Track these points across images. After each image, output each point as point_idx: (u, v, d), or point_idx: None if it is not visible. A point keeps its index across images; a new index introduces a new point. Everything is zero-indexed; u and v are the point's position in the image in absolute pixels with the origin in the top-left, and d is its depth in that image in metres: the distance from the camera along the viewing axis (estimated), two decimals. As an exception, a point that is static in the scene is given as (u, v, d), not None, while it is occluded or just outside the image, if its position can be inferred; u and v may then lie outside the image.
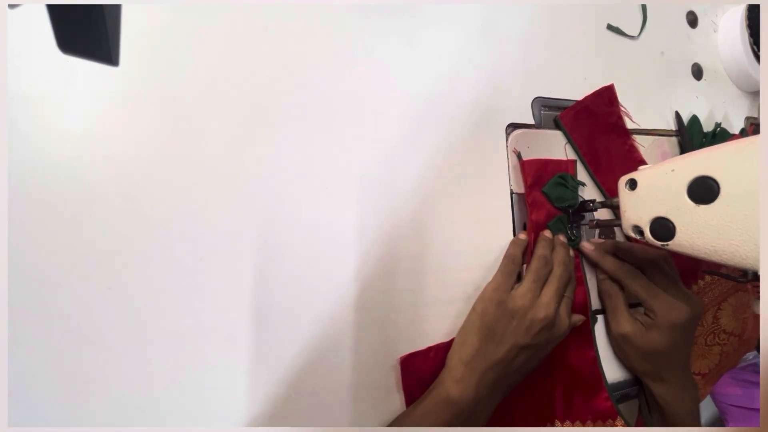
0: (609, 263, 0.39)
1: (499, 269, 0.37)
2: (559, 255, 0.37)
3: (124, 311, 0.28)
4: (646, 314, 0.38)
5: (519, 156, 0.40)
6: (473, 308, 0.35)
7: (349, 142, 0.35)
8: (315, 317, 0.32)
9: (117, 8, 0.17)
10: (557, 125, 0.42)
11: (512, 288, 0.35)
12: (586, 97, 0.43)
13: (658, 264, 0.38)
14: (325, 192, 0.33)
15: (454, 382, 0.32)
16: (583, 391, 0.39)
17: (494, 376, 0.32)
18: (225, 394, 0.30)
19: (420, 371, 0.34)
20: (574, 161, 0.42)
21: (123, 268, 0.28)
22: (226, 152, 0.31)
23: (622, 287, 0.40)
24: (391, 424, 0.33)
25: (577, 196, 0.41)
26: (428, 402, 0.32)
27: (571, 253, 0.39)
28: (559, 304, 0.35)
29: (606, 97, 0.44)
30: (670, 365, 0.38)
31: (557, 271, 0.36)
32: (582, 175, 0.42)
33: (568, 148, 0.42)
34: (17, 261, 0.26)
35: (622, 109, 0.45)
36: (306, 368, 0.32)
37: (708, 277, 0.48)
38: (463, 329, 0.35)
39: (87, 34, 0.16)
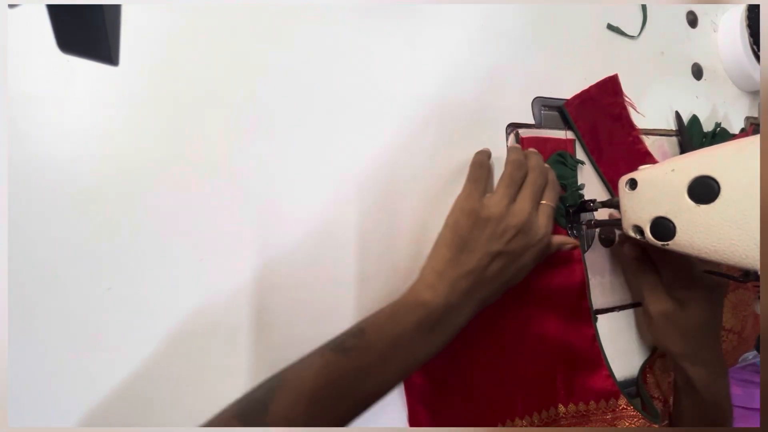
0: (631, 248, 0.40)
1: (467, 178, 0.36)
2: (533, 160, 0.36)
3: (124, 311, 0.28)
4: (677, 293, 0.38)
5: (518, 134, 0.40)
6: (446, 221, 0.34)
7: (349, 142, 0.35)
8: (315, 317, 0.32)
9: (117, 8, 0.17)
10: (561, 113, 0.42)
11: (484, 195, 0.34)
12: (591, 87, 0.43)
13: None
14: (325, 192, 0.33)
15: (426, 286, 0.31)
16: (584, 371, 0.39)
17: (467, 285, 0.31)
18: (225, 394, 0.30)
19: None
20: (573, 140, 0.42)
21: (123, 268, 0.28)
22: (226, 152, 0.31)
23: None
24: (361, 325, 0.31)
25: (576, 175, 0.41)
26: (398, 303, 0.31)
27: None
28: (535, 209, 0.34)
29: (610, 88, 0.44)
30: (707, 344, 0.38)
31: (532, 176, 0.35)
32: (584, 161, 0.43)
33: (569, 133, 0.42)
34: (17, 261, 0.26)
35: (627, 99, 0.45)
36: (306, 368, 0.32)
37: None
38: (436, 243, 0.34)
39: (87, 34, 0.16)
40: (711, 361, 0.38)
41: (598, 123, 0.43)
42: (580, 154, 0.42)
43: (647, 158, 0.45)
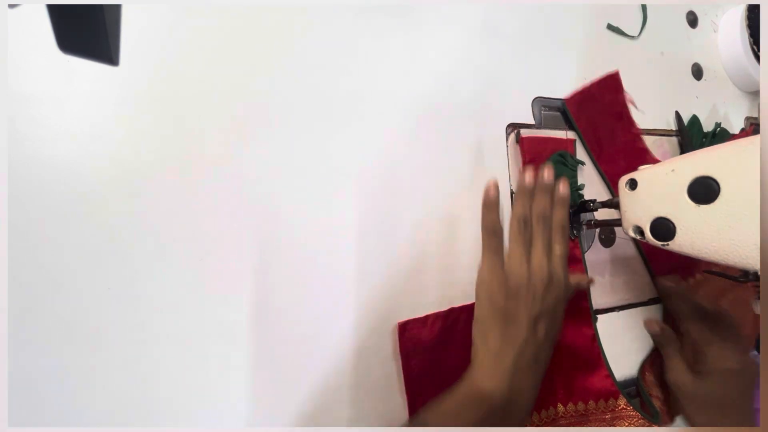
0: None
1: (484, 247, 0.35)
2: (537, 208, 0.35)
3: (124, 311, 0.28)
4: (698, 362, 0.38)
5: (518, 133, 0.40)
6: (477, 297, 0.34)
7: (349, 141, 0.35)
8: (315, 317, 0.32)
9: (117, 8, 0.17)
10: (562, 111, 0.42)
11: (503, 261, 0.34)
12: (592, 84, 0.43)
13: (722, 316, 0.38)
14: (325, 192, 0.33)
15: (486, 375, 0.30)
16: (583, 371, 0.39)
17: (526, 359, 0.31)
18: (225, 394, 0.30)
19: (417, 337, 0.34)
20: (574, 140, 0.42)
21: (123, 268, 0.28)
22: (225, 152, 0.31)
23: (677, 330, 0.40)
24: (413, 422, 0.32)
25: (576, 175, 0.41)
26: (458, 397, 0.30)
27: (563, 189, 0.37)
28: (549, 259, 0.34)
29: (611, 85, 0.44)
30: (725, 418, 0.37)
31: (537, 229, 0.34)
32: (584, 161, 0.43)
33: (569, 133, 0.42)
34: (17, 261, 0.26)
35: (627, 96, 0.45)
36: (306, 368, 0.32)
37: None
38: (477, 321, 0.33)
39: (87, 34, 0.16)
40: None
41: (599, 121, 0.43)
42: (580, 154, 0.42)
43: (647, 156, 0.45)
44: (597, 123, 0.43)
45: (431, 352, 0.34)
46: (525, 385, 0.31)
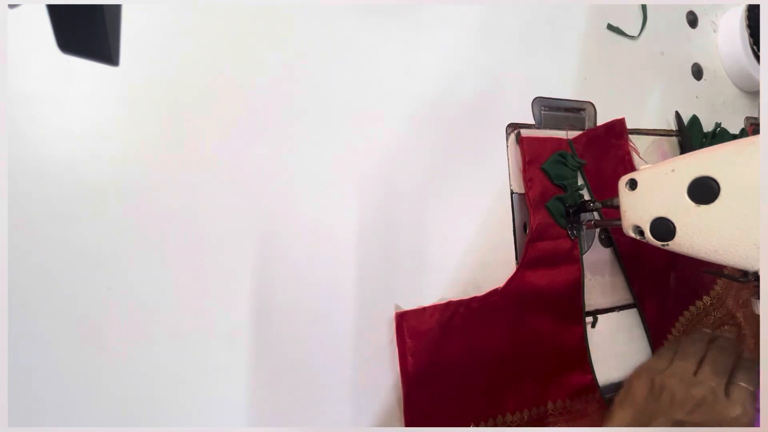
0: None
1: None
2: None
3: (124, 311, 0.28)
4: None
5: (518, 133, 0.40)
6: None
7: (350, 142, 0.35)
8: (315, 317, 0.32)
9: (117, 8, 0.17)
10: (570, 147, 0.42)
11: None
12: (599, 127, 0.44)
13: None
14: (325, 192, 0.33)
15: None
16: (570, 367, 0.39)
17: None
18: (225, 394, 0.30)
19: (414, 328, 0.34)
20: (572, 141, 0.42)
21: (123, 268, 0.28)
22: (225, 152, 0.31)
23: None
24: None
25: (576, 175, 0.41)
26: None
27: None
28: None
29: (618, 130, 0.44)
30: None
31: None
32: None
33: (569, 133, 0.42)
34: (17, 261, 0.26)
35: (631, 144, 0.45)
36: (306, 368, 0.32)
37: (717, 287, 0.48)
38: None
39: (87, 34, 0.16)
40: None
41: (602, 162, 0.43)
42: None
43: None
44: (600, 162, 0.43)
45: (428, 344, 0.34)
46: None
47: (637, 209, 0.33)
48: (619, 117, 0.44)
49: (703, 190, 0.29)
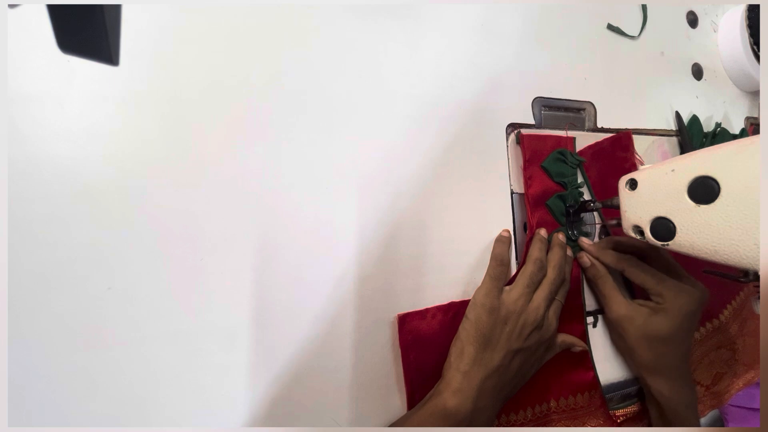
0: (609, 256, 0.39)
1: (487, 273, 0.37)
2: (555, 258, 0.37)
3: (124, 311, 0.28)
4: (651, 299, 0.38)
5: (518, 133, 0.40)
6: (466, 316, 0.35)
7: (349, 142, 0.35)
8: (315, 317, 0.32)
9: (117, 8, 0.17)
10: (572, 145, 0.42)
11: (502, 290, 0.35)
12: (605, 140, 0.44)
13: (660, 252, 0.38)
14: (325, 192, 0.33)
15: (452, 392, 0.31)
16: (573, 365, 0.40)
17: (493, 384, 0.32)
18: (225, 394, 0.30)
19: (416, 330, 0.34)
20: (573, 138, 0.42)
21: (123, 268, 0.28)
22: (226, 152, 0.31)
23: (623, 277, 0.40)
24: None
25: (576, 173, 0.41)
26: (425, 412, 0.31)
27: (569, 252, 0.39)
28: (548, 307, 0.35)
29: (624, 143, 0.44)
30: (671, 355, 0.37)
31: (551, 274, 0.36)
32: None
33: (570, 132, 0.42)
34: (17, 261, 0.26)
35: (637, 157, 0.45)
36: (306, 368, 0.32)
37: (726, 312, 0.48)
38: (458, 339, 0.34)
39: (87, 34, 0.16)
40: (672, 373, 0.38)
41: (607, 174, 0.43)
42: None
43: None
44: (606, 175, 0.43)
45: (431, 345, 0.34)
46: (487, 406, 0.32)
47: (637, 209, 0.33)
48: (625, 130, 0.44)
49: (703, 190, 0.29)
